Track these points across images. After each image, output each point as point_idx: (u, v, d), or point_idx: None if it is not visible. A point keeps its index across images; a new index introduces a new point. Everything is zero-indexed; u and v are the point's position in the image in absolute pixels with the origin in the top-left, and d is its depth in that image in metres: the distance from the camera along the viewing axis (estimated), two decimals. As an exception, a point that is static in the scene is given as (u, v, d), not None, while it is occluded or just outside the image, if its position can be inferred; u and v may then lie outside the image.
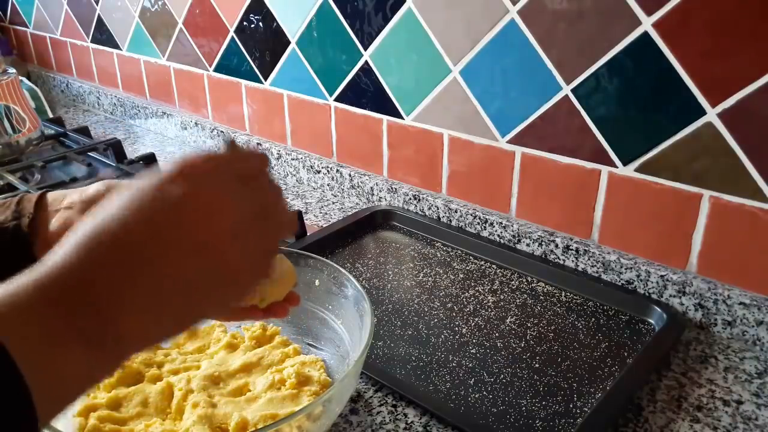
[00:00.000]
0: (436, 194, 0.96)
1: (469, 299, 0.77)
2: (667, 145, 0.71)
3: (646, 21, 0.68)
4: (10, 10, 1.81)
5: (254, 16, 1.11)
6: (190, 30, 1.26)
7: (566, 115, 0.78)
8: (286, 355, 0.63)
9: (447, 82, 0.88)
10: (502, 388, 0.62)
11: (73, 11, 1.56)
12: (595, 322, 0.73)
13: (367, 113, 1.00)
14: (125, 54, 1.47)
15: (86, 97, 1.65)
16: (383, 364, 0.66)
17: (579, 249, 0.80)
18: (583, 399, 0.61)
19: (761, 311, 0.67)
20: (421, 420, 0.59)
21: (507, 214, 0.89)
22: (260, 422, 0.53)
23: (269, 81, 1.14)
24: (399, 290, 0.79)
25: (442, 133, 0.92)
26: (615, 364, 0.66)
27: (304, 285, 0.66)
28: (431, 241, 0.92)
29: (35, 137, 1.21)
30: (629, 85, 0.71)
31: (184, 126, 1.36)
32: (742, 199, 0.67)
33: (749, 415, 0.60)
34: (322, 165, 1.09)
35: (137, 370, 0.61)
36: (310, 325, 0.66)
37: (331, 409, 0.53)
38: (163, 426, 0.54)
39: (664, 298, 0.74)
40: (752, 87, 0.63)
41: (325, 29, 1.00)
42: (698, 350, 0.69)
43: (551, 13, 0.75)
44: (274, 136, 1.19)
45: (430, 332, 0.71)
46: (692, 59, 0.66)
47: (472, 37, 0.83)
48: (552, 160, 0.81)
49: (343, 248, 0.90)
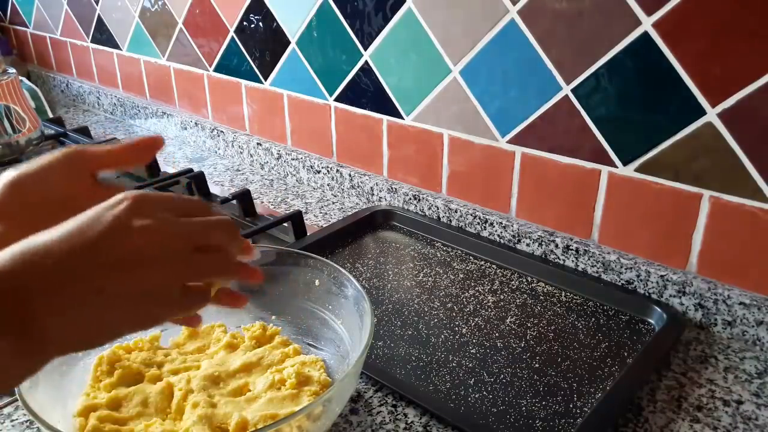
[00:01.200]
0: (436, 194, 0.96)
1: (469, 299, 0.77)
2: (667, 145, 0.71)
3: (646, 21, 0.68)
4: (10, 10, 1.82)
5: (254, 16, 1.11)
6: (190, 30, 1.26)
7: (566, 115, 0.78)
8: (286, 355, 0.63)
9: (447, 82, 0.88)
10: (502, 388, 0.62)
11: (73, 11, 1.56)
12: (595, 322, 0.73)
13: (367, 113, 1.00)
14: (125, 54, 1.47)
15: (86, 97, 1.65)
16: (383, 364, 0.66)
17: (579, 249, 0.80)
18: (583, 399, 0.61)
19: (761, 311, 0.67)
20: (421, 420, 0.59)
21: (507, 214, 0.89)
22: (260, 422, 0.53)
23: (269, 81, 1.14)
24: (399, 290, 0.79)
25: (442, 133, 0.92)
26: (615, 364, 0.66)
27: (304, 285, 0.66)
28: (431, 241, 0.92)
29: (35, 137, 1.21)
30: (629, 85, 0.71)
31: (184, 126, 1.36)
32: (742, 199, 0.67)
33: (749, 415, 0.60)
34: (322, 165, 1.09)
35: (137, 370, 0.61)
36: (310, 325, 0.66)
37: (331, 409, 0.53)
38: (163, 426, 0.54)
39: (664, 298, 0.74)
40: (752, 87, 0.63)
41: (325, 29, 1.00)
42: (698, 350, 0.69)
43: (551, 13, 0.75)
44: (274, 136, 1.19)
45: (430, 332, 0.71)
46: (692, 59, 0.66)
47: (472, 37, 0.83)
48: (552, 160, 0.81)
49: (343, 248, 0.90)
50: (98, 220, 0.35)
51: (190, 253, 0.37)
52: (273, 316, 0.68)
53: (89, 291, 0.33)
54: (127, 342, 0.64)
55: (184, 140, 1.38)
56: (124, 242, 0.35)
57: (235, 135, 1.24)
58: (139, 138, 0.45)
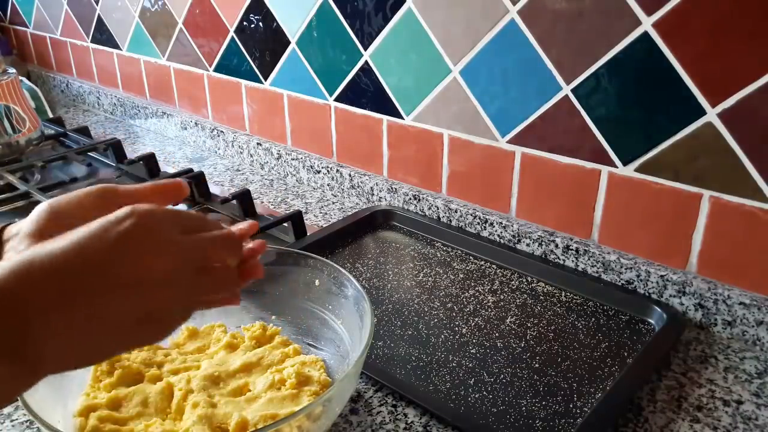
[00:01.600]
0: (436, 194, 0.96)
1: (469, 299, 0.77)
2: (667, 145, 0.71)
3: (646, 21, 0.68)
4: (10, 10, 1.82)
5: (254, 16, 1.11)
6: (190, 30, 1.26)
7: (566, 115, 0.78)
8: (286, 355, 0.63)
9: (447, 82, 0.88)
10: (502, 388, 0.62)
11: (73, 11, 1.56)
12: (595, 322, 0.73)
13: (367, 113, 1.01)
14: (125, 54, 1.47)
15: (86, 97, 1.65)
16: (383, 364, 0.66)
17: (579, 249, 0.80)
18: (583, 399, 0.61)
19: (761, 311, 0.67)
20: (421, 420, 0.59)
21: (507, 214, 0.89)
22: (260, 422, 0.53)
23: (269, 81, 1.14)
24: (399, 290, 0.79)
25: (442, 133, 0.92)
26: (615, 364, 0.66)
27: (304, 285, 0.66)
28: (431, 241, 0.92)
29: (35, 137, 1.21)
30: (629, 85, 0.71)
31: (184, 126, 1.36)
32: (742, 199, 0.67)
33: (749, 415, 0.60)
34: (322, 165, 1.09)
35: (137, 370, 0.60)
36: (310, 325, 0.66)
37: (331, 409, 0.53)
38: (163, 426, 0.54)
39: (664, 298, 0.74)
40: (752, 87, 0.63)
41: (325, 29, 1.00)
42: (698, 350, 0.69)
43: (551, 13, 0.75)
44: (274, 136, 1.19)
45: (430, 332, 0.71)
46: (692, 59, 0.66)
47: (472, 37, 0.83)
48: (552, 160, 0.81)
49: (343, 248, 0.90)
50: (103, 237, 0.34)
51: (194, 275, 0.37)
52: (273, 316, 0.68)
53: (90, 313, 0.33)
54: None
55: (184, 140, 1.38)
56: (128, 264, 0.34)
57: (235, 135, 1.24)
58: (167, 182, 0.45)
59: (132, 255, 0.34)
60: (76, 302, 0.32)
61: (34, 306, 0.31)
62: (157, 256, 0.35)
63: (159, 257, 0.35)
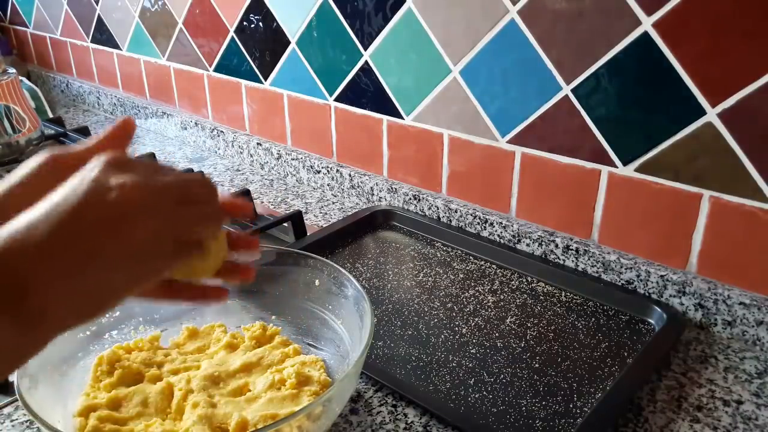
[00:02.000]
0: (436, 194, 0.96)
1: (469, 299, 0.77)
2: (667, 145, 0.71)
3: (646, 21, 0.68)
4: (10, 10, 1.82)
5: (254, 16, 1.11)
6: (190, 30, 1.26)
7: (566, 115, 0.78)
8: (286, 355, 0.63)
9: (447, 82, 0.88)
10: (502, 388, 0.62)
11: (73, 11, 1.56)
12: (595, 322, 0.73)
13: (367, 113, 1.01)
14: (125, 54, 1.47)
15: (86, 97, 1.65)
16: (383, 364, 0.66)
17: (579, 249, 0.80)
18: (583, 399, 0.61)
19: (761, 311, 0.67)
20: (421, 420, 0.59)
21: (507, 214, 0.89)
22: (260, 422, 0.53)
23: (269, 81, 1.14)
24: (399, 290, 0.79)
25: (442, 133, 0.92)
26: (615, 364, 0.66)
27: (304, 285, 0.66)
28: (431, 241, 0.92)
29: (35, 137, 1.21)
30: (629, 85, 0.71)
31: (184, 126, 1.36)
32: (742, 199, 0.67)
33: (749, 415, 0.60)
34: (322, 165, 1.09)
35: (137, 370, 0.61)
36: (310, 325, 0.66)
37: (331, 409, 0.53)
38: (163, 426, 0.54)
39: (664, 298, 0.74)
40: (752, 87, 0.63)
41: (325, 29, 1.00)
42: (698, 350, 0.69)
43: (551, 13, 0.75)
44: (274, 136, 1.19)
45: (430, 332, 0.71)
46: (692, 59, 0.66)
47: (472, 37, 0.83)
48: (552, 160, 0.81)
49: (343, 248, 0.90)
50: (78, 187, 0.34)
51: (173, 204, 0.37)
52: (273, 316, 0.68)
53: (81, 256, 0.33)
54: (127, 342, 0.64)
55: (184, 140, 1.38)
56: (106, 200, 0.34)
57: (235, 135, 1.24)
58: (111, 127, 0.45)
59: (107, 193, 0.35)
60: (66, 251, 0.33)
61: (26, 262, 0.32)
62: (132, 190, 0.35)
63: (133, 190, 0.35)
